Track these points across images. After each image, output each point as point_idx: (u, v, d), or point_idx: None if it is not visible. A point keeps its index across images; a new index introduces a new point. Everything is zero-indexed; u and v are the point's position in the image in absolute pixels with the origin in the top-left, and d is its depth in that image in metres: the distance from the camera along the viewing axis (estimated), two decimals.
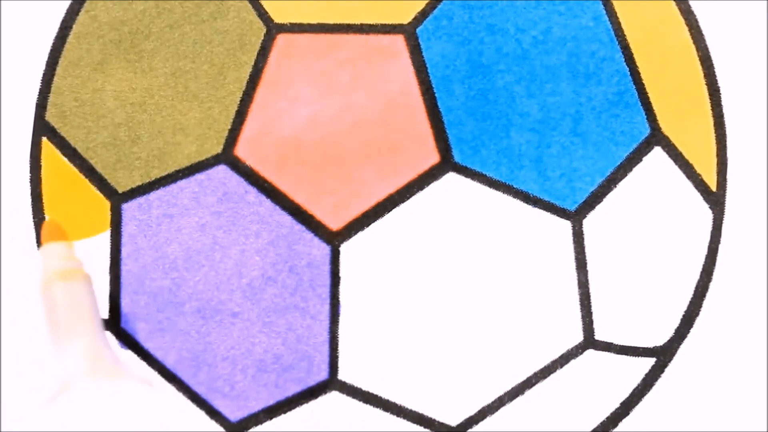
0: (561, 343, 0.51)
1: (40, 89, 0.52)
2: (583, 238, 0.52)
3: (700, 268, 0.52)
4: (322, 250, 0.51)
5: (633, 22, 0.52)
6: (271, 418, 0.51)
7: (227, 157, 0.52)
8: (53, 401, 0.46)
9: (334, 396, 0.51)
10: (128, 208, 0.52)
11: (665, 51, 0.52)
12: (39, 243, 0.51)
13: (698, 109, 0.52)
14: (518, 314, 0.51)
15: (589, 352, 0.52)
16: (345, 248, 0.51)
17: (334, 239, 0.51)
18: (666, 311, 0.52)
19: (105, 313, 0.51)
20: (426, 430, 0.51)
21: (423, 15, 0.52)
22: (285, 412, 0.51)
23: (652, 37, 0.52)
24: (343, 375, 0.51)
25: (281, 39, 0.52)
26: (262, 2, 0.52)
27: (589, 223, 0.52)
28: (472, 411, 0.51)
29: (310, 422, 0.51)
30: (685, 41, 0.52)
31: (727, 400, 0.52)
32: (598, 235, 0.52)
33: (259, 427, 0.51)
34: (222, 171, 0.52)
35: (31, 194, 0.52)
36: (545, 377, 0.51)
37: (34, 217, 0.52)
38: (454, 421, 0.51)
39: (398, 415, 0.51)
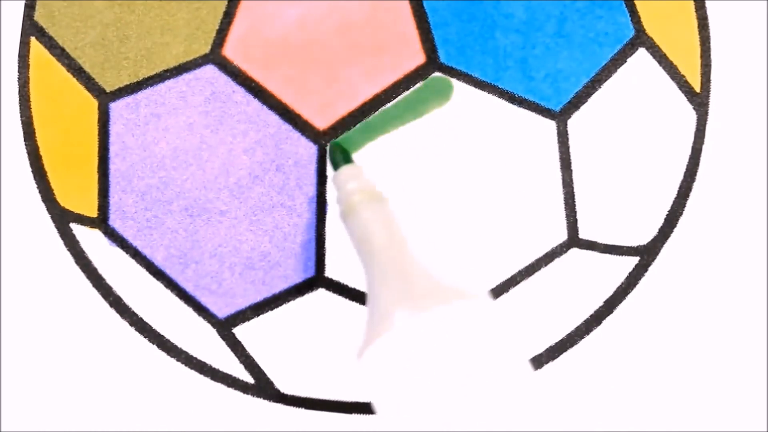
0: (545, 241, 0.52)
1: None
2: (567, 138, 0.52)
3: (683, 169, 0.52)
4: (309, 149, 0.52)
5: None
6: (258, 315, 0.52)
7: (215, 57, 0.52)
8: (371, 346, 0.42)
9: (320, 293, 0.52)
10: (116, 108, 0.52)
11: None
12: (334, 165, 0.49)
13: (682, 10, 0.53)
14: (503, 213, 0.52)
15: (574, 251, 0.52)
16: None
17: (320, 138, 0.52)
18: (650, 211, 0.52)
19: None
20: None
21: None
22: (272, 309, 0.52)
23: None
24: (329, 272, 0.52)
25: None
26: None
27: (573, 123, 0.52)
28: None
29: (297, 319, 0.52)
30: None
31: (709, 299, 0.52)
32: (582, 135, 0.52)
33: (246, 324, 0.52)
34: (210, 71, 0.52)
35: (19, 93, 0.52)
36: (529, 275, 0.52)
37: (21, 116, 0.52)
38: None
39: None
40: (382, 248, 0.44)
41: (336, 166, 0.48)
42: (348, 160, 0.48)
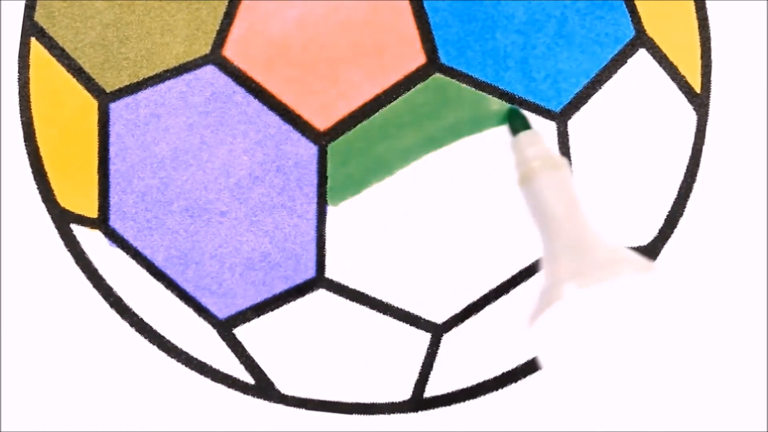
0: None
1: None
2: (568, 139, 0.52)
3: (684, 169, 0.52)
4: (309, 149, 0.52)
5: None
6: (258, 316, 0.52)
7: (215, 58, 0.52)
8: (541, 316, 0.42)
9: (321, 294, 0.52)
10: (116, 108, 0.52)
11: None
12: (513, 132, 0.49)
13: (683, 11, 0.53)
14: (503, 213, 0.52)
15: None
16: (332, 148, 0.52)
17: (321, 139, 0.52)
18: (650, 211, 0.52)
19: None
20: (412, 327, 0.52)
21: None
22: (272, 310, 0.52)
23: None
24: (330, 273, 0.52)
25: None
26: None
27: (574, 123, 0.52)
28: (457, 309, 0.52)
29: (298, 319, 0.52)
30: None
31: (709, 300, 0.52)
32: (582, 135, 0.52)
33: (246, 324, 0.52)
34: (210, 71, 0.52)
35: (20, 94, 0.52)
36: (530, 276, 0.52)
37: (21, 116, 0.52)
38: (439, 319, 0.52)
39: (384, 313, 0.52)
40: (559, 216, 0.44)
41: (515, 131, 0.48)
42: (527, 125, 0.48)
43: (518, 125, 0.48)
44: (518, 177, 0.47)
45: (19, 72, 0.52)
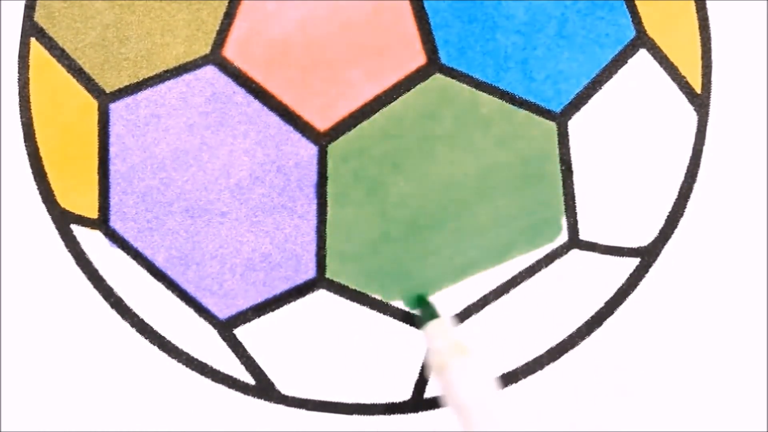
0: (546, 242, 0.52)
1: None
2: (568, 139, 0.52)
3: (684, 170, 0.52)
4: (310, 150, 0.52)
5: None
6: (259, 316, 0.52)
7: (215, 58, 0.52)
8: None
9: (321, 294, 0.52)
10: (116, 108, 0.52)
11: None
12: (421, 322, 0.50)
13: (684, 11, 0.53)
14: (504, 213, 0.52)
15: (574, 252, 0.52)
16: (332, 148, 0.52)
17: (321, 139, 0.52)
18: (650, 212, 0.52)
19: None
20: (412, 327, 0.52)
21: None
22: (273, 310, 0.52)
23: None
24: (330, 273, 0.52)
25: None
26: None
27: (574, 124, 0.52)
28: (457, 309, 0.52)
29: (298, 320, 0.52)
30: None
31: (710, 300, 0.52)
32: (583, 136, 0.52)
33: (247, 325, 0.52)
34: (210, 72, 0.52)
35: (19, 94, 0.52)
36: (530, 276, 0.52)
37: (21, 117, 0.52)
38: None
39: (384, 313, 0.52)
40: (473, 406, 0.45)
41: (424, 320, 0.49)
42: (435, 314, 0.49)
43: (427, 314, 0.49)
44: (432, 367, 0.47)
45: (19, 72, 0.52)
